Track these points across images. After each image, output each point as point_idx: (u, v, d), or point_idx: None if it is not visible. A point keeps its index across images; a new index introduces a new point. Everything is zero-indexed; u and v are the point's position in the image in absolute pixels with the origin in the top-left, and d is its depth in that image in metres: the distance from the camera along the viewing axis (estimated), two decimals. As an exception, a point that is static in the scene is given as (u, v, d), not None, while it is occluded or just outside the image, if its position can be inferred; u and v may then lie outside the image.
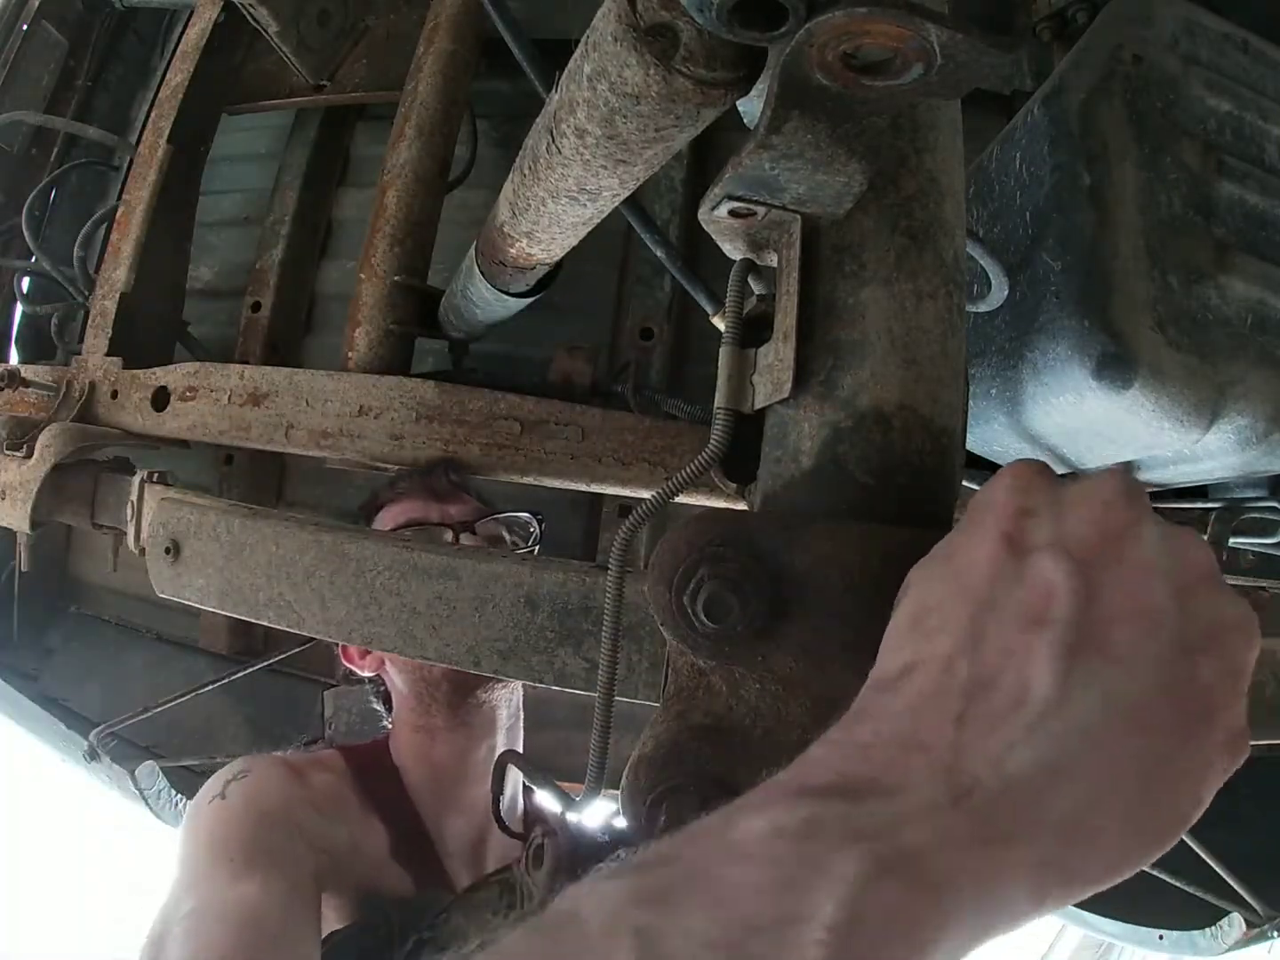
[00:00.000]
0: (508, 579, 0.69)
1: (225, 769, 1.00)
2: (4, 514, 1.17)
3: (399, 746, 1.14)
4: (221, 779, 0.97)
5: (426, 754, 1.11)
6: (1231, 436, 0.73)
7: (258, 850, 0.87)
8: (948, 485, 0.49)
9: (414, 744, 1.12)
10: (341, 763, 1.10)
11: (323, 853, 0.93)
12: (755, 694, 0.46)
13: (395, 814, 1.07)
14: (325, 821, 0.97)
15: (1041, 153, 0.80)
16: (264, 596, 0.79)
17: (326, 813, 0.99)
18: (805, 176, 0.47)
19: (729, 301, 0.53)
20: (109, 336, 1.30)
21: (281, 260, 1.67)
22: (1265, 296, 0.74)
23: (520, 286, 1.05)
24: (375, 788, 1.08)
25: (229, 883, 0.82)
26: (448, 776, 1.09)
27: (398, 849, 1.04)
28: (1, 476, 1.17)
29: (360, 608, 0.74)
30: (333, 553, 0.75)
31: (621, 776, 0.47)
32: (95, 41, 1.81)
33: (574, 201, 0.70)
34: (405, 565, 0.73)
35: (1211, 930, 1.44)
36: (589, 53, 0.53)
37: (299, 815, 0.95)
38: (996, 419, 0.84)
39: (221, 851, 0.86)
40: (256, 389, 1.14)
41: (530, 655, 0.68)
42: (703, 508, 1.00)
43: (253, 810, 0.92)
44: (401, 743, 1.13)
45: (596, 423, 1.08)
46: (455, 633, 0.70)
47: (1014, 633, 0.33)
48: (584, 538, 1.56)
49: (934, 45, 0.38)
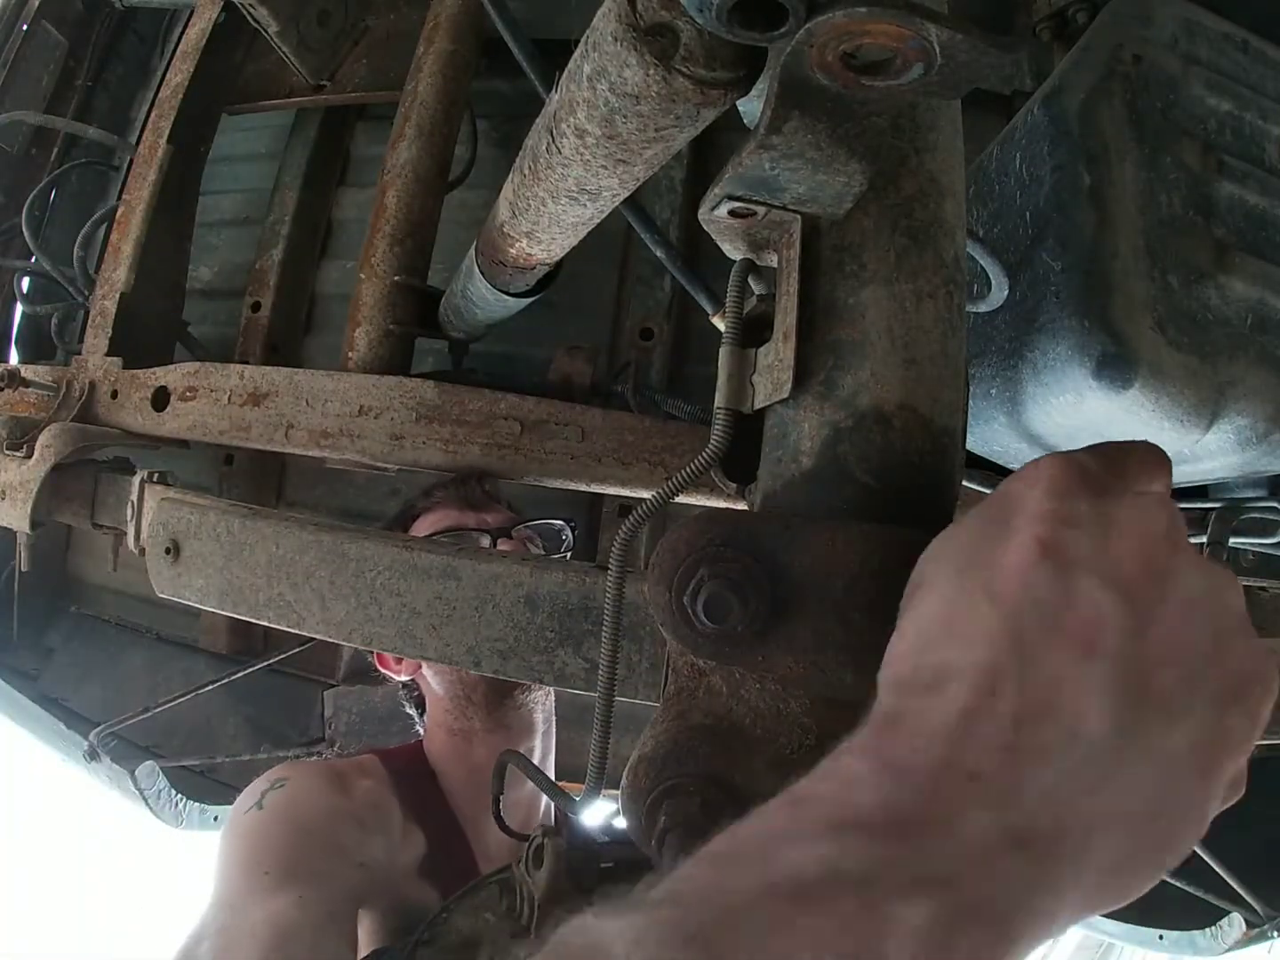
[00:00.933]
0: (508, 579, 0.69)
1: (264, 777, 0.96)
2: (4, 514, 1.17)
3: (435, 750, 1.11)
4: (259, 788, 0.93)
5: (465, 757, 1.08)
6: (1231, 436, 0.73)
7: (294, 865, 0.83)
8: (948, 485, 0.49)
9: (451, 747, 1.10)
10: (380, 767, 1.07)
11: (362, 867, 0.89)
12: (755, 694, 0.46)
13: (434, 820, 1.04)
14: (365, 834, 0.93)
15: (1041, 153, 0.80)
16: (264, 596, 0.79)
17: (368, 824, 0.95)
18: (805, 176, 0.47)
19: (729, 301, 0.53)
20: (109, 336, 1.30)
21: (281, 260, 1.67)
22: (1265, 296, 0.74)
23: (520, 286, 1.05)
24: (414, 793, 1.05)
25: (262, 899, 0.79)
26: (487, 780, 1.08)
27: (436, 857, 1.01)
28: (1, 476, 1.17)
29: (360, 608, 0.74)
30: (333, 553, 0.75)
31: (621, 776, 0.47)
32: (95, 41, 1.81)
33: (574, 201, 0.70)
34: (405, 565, 0.73)
35: (1211, 930, 1.44)
36: (589, 53, 0.53)
37: (339, 828, 0.91)
38: (996, 419, 0.84)
39: (256, 865, 0.83)
40: (256, 389, 1.14)
41: (530, 655, 0.68)
42: (703, 508, 1.00)
43: (290, 823, 0.89)
44: (437, 746, 1.11)
45: (596, 423, 1.08)
46: (455, 633, 0.70)
47: (1065, 660, 0.32)
48: (584, 538, 1.56)
49: (934, 45, 0.38)
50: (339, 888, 0.84)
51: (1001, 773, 0.30)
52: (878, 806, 0.30)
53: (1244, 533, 0.94)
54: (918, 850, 0.28)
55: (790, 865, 0.28)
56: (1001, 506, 0.36)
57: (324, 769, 1.01)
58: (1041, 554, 0.33)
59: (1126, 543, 0.34)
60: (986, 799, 0.30)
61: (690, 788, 0.45)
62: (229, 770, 1.59)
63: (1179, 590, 0.33)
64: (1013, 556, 0.34)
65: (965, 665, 0.32)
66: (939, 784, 0.30)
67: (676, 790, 0.45)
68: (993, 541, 0.35)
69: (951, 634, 0.34)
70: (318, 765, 1.04)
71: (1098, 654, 0.32)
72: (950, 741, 0.31)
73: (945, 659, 0.33)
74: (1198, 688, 0.33)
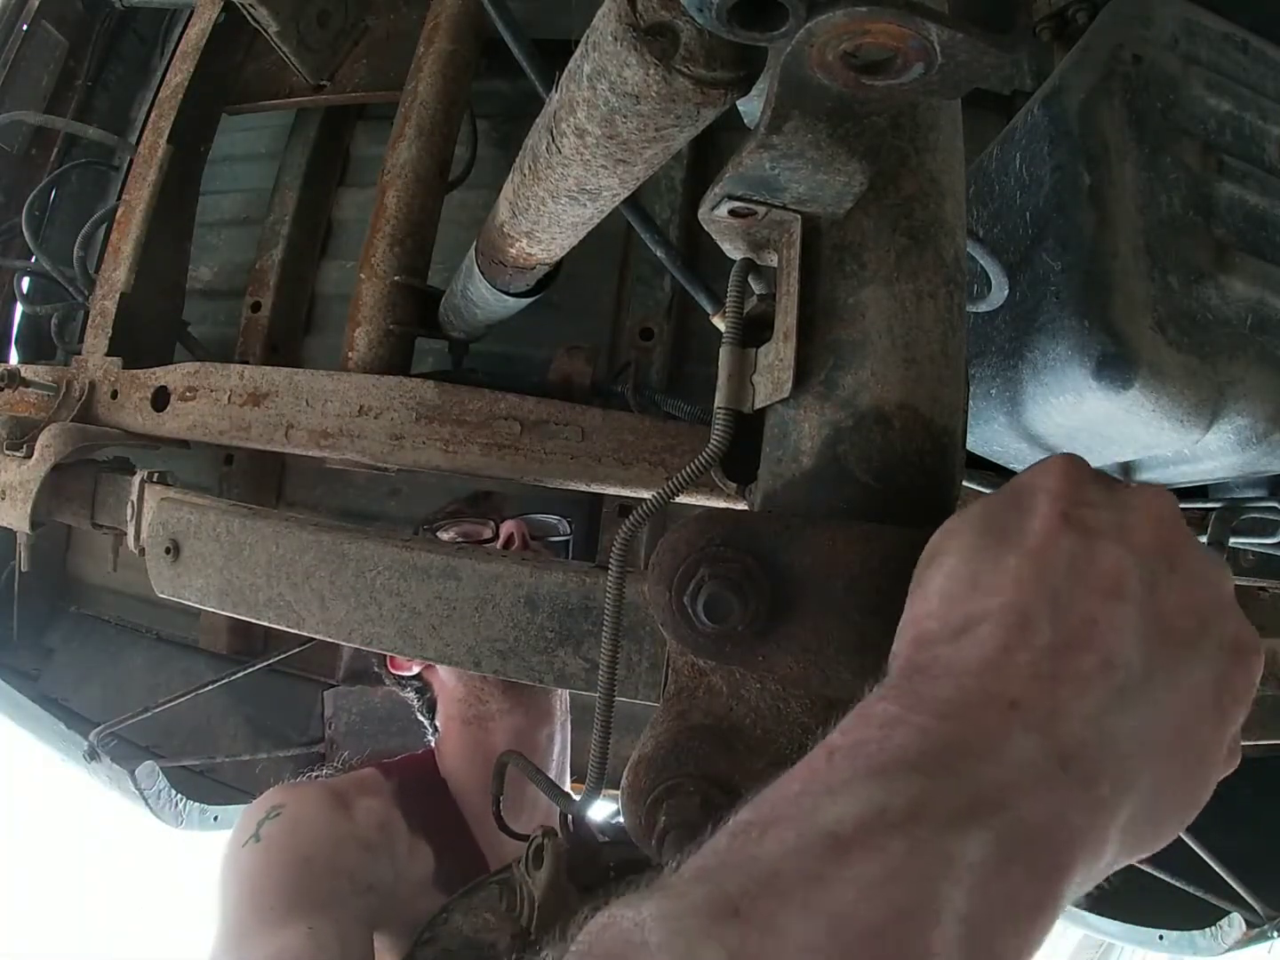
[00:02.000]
0: (508, 579, 0.69)
1: (257, 804, 0.92)
2: (4, 514, 1.17)
3: (448, 751, 1.09)
4: (254, 817, 0.89)
5: (480, 746, 1.05)
6: (1231, 436, 0.73)
7: (299, 895, 0.80)
8: (948, 485, 0.49)
9: (466, 739, 1.07)
10: (382, 781, 1.03)
11: (370, 890, 0.86)
12: (755, 694, 0.46)
13: (443, 831, 1.01)
14: (371, 855, 0.90)
15: (1041, 153, 0.80)
16: (264, 596, 0.79)
17: (373, 844, 0.91)
18: (806, 176, 0.47)
19: (729, 301, 0.53)
20: (109, 336, 1.30)
21: (281, 260, 1.67)
22: (1265, 296, 0.74)
23: (520, 286, 1.05)
24: (420, 804, 1.01)
25: (271, 933, 0.76)
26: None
27: (448, 869, 0.97)
28: (1, 476, 1.17)
29: (360, 608, 0.74)
30: (333, 553, 0.75)
31: (621, 776, 0.47)
32: (95, 41, 1.81)
33: (574, 201, 0.70)
34: (405, 565, 0.73)
35: (1211, 930, 1.44)
36: (589, 52, 0.53)
37: (342, 853, 0.87)
38: (996, 419, 0.84)
39: (260, 900, 0.80)
40: (256, 389, 1.14)
41: (530, 655, 0.68)
42: (703, 508, 1.00)
43: (290, 852, 0.85)
44: (451, 745, 1.08)
45: (596, 423, 1.08)
46: (455, 633, 0.70)
47: (1096, 601, 0.33)
48: (584, 538, 1.56)
49: (934, 44, 0.38)
50: (349, 913, 0.82)
51: (1043, 699, 0.31)
52: (920, 743, 0.29)
53: (1244, 533, 0.94)
54: (968, 779, 0.28)
55: (831, 817, 0.27)
56: (1017, 492, 0.38)
57: (320, 791, 0.97)
58: (1064, 522, 0.35)
59: (1138, 518, 0.36)
60: (1030, 723, 0.30)
61: (690, 788, 0.45)
62: (229, 770, 1.60)
63: (1184, 563, 0.36)
64: (1038, 523, 0.35)
65: (995, 607, 0.33)
66: (982, 714, 0.30)
67: (676, 790, 0.45)
68: (1014, 515, 0.37)
69: (978, 586, 0.35)
70: (314, 788, 0.97)
71: (1124, 598, 0.33)
72: (989, 674, 0.31)
73: (973, 607, 0.34)
74: (1209, 635, 0.35)
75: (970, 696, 0.31)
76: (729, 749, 0.46)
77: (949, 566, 0.36)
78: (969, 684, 0.31)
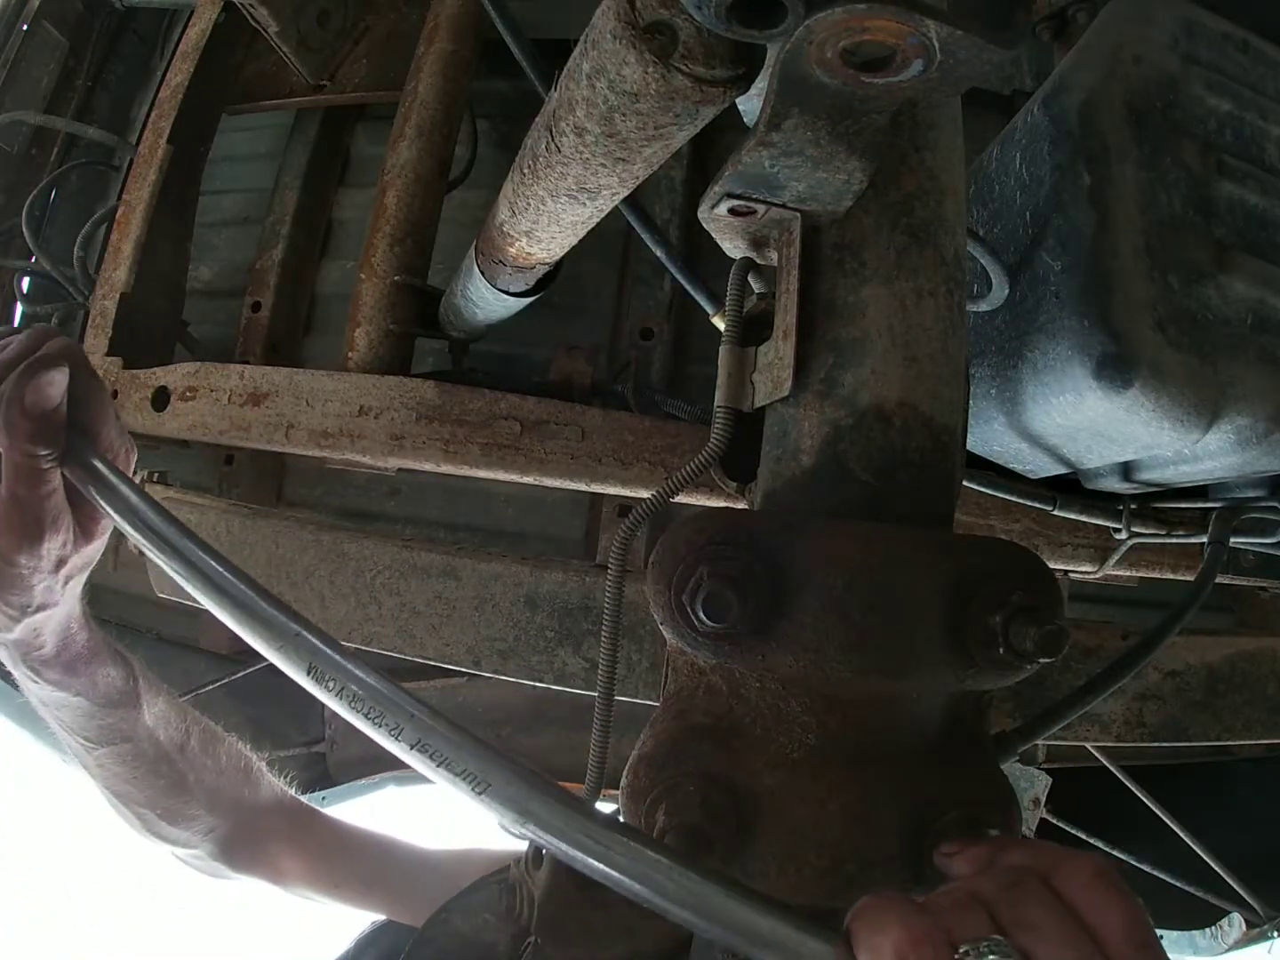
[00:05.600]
0: (508, 579, 0.69)
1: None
2: (3, 514, 1.17)
3: None
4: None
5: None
6: (1231, 436, 0.73)
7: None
8: (948, 483, 0.49)
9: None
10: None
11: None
12: (755, 693, 0.46)
13: None
14: None
15: (1041, 153, 0.80)
16: (263, 596, 0.79)
17: None
18: (805, 174, 0.47)
19: (729, 300, 0.53)
20: (109, 336, 1.30)
21: (281, 260, 1.67)
22: (1265, 296, 0.74)
23: (520, 286, 1.05)
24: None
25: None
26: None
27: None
28: (1, 476, 1.17)
29: (360, 607, 0.74)
30: (332, 552, 0.75)
31: (621, 776, 0.47)
32: (95, 41, 1.81)
33: (573, 200, 0.70)
34: (405, 565, 0.72)
35: (1211, 930, 1.44)
36: (588, 51, 0.53)
37: None
38: (996, 419, 0.84)
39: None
40: (256, 389, 1.14)
41: (530, 655, 0.68)
42: (703, 507, 1.00)
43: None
44: None
45: (596, 423, 1.08)
46: (455, 632, 0.70)
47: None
48: (584, 538, 1.56)
49: (934, 41, 0.38)
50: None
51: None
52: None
53: (1244, 533, 0.94)
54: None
55: None
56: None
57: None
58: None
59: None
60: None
61: (690, 787, 0.45)
62: (228, 770, 1.59)
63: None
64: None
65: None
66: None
67: (676, 789, 0.45)
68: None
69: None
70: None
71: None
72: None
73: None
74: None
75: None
76: (729, 748, 0.46)
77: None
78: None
